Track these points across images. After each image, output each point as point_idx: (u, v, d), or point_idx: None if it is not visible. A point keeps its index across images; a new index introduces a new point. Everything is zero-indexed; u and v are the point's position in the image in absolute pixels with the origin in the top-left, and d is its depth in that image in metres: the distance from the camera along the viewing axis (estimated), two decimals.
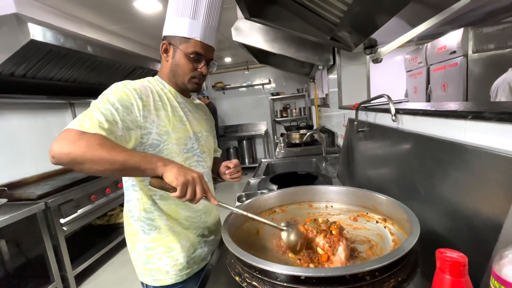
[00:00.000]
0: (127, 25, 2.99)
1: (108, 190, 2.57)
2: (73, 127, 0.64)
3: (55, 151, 0.61)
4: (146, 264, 0.87)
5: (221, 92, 5.86)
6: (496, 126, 0.47)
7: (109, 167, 0.62)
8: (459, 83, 2.69)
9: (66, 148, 0.61)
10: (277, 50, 2.04)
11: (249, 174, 4.43)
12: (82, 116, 0.67)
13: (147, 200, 0.84)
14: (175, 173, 0.63)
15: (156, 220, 0.85)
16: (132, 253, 0.90)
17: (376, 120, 1.14)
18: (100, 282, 2.34)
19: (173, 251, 0.86)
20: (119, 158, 0.62)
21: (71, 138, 0.62)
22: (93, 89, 2.95)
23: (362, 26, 1.24)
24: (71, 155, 0.60)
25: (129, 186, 0.86)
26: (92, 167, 0.62)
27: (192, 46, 0.81)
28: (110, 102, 0.71)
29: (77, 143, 0.61)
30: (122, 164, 0.62)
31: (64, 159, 0.61)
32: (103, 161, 0.61)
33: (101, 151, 0.61)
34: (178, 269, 0.87)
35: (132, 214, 0.87)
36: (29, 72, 2.16)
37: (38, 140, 2.62)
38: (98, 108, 0.69)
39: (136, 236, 0.87)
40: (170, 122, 0.83)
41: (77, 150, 0.60)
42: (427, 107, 0.75)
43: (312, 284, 0.47)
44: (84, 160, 0.61)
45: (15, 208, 1.82)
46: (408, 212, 0.63)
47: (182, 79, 0.85)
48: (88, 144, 0.61)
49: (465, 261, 0.34)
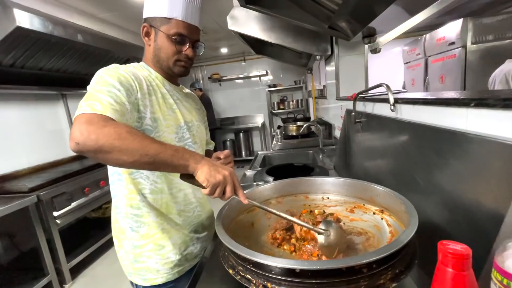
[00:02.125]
0: (119, 13, 2.90)
1: (102, 182, 2.54)
2: (87, 111, 0.58)
3: (79, 137, 0.54)
4: (134, 263, 0.82)
5: (217, 83, 5.78)
6: (500, 113, 0.45)
7: (139, 159, 0.56)
8: (457, 75, 2.67)
9: (94, 134, 0.54)
10: (274, 40, 1.99)
11: (246, 166, 4.42)
12: (87, 101, 0.60)
13: (135, 195, 0.79)
14: (206, 173, 0.59)
15: (145, 217, 0.80)
16: (119, 252, 0.86)
17: (374, 111, 1.12)
18: (96, 275, 2.34)
19: (163, 249, 0.82)
20: (151, 151, 0.57)
21: (97, 123, 0.55)
22: (86, 80, 2.85)
23: (361, 13, 1.21)
24: (99, 141, 0.54)
25: (114, 181, 0.81)
26: (120, 158, 0.56)
27: (174, 27, 0.75)
28: (111, 84, 0.65)
29: (105, 129, 0.55)
30: (153, 157, 0.57)
31: (91, 146, 0.54)
32: (133, 152, 0.55)
33: (132, 140, 0.56)
34: (169, 267, 0.83)
35: (118, 211, 0.82)
36: (18, 62, 2.09)
37: (30, 132, 2.56)
38: (101, 91, 0.63)
39: (123, 234, 0.83)
40: (160, 109, 0.78)
41: (106, 137, 0.54)
42: (427, 96, 0.72)
43: (307, 277, 0.46)
44: (113, 149, 0.55)
45: (6, 201, 1.78)
46: (406, 203, 0.61)
47: (166, 63, 0.80)
48: (117, 131, 0.55)
49: (469, 254, 0.32)
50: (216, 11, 2.94)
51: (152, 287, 0.83)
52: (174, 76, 0.86)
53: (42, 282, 1.93)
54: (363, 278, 0.46)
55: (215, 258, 0.80)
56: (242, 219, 0.78)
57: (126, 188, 0.79)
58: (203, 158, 0.62)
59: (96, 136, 0.54)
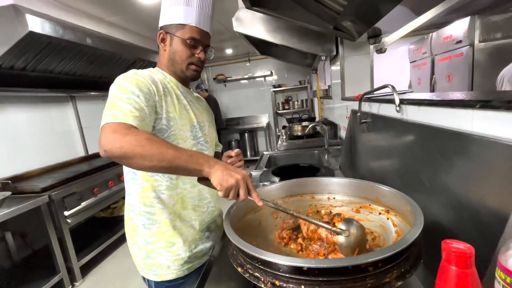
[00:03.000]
0: (127, 17, 2.95)
1: (111, 183, 2.59)
2: (111, 121, 0.65)
3: (107, 145, 0.62)
4: (146, 259, 0.86)
5: (222, 84, 5.81)
6: (504, 114, 0.46)
7: (157, 164, 0.62)
8: (464, 74, 2.64)
9: (118, 142, 0.61)
10: (279, 41, 2.00)
11: (251, 166, 4.43)
12: (110, 110, 0.67)
13: (149, 193, 0.83)
14: (219, 177, 0.62)
15: (157, 214, 0.84)
16: (132, 248, 0.90)
17: (379, 111, 1.13)
18: (105, 273, 2.38)
19: (174, 246, 0.86)
20: (168, 156, 0.62)
21: (120, 132, 0.63)
22: (94, 81, 2.94)
23: (366, 14, 1.21)
24: (123, 149, 0.61)
25: (129, 180, 0.86)
26: (142, 163, 0.62)
27: (188, 32, 0.82)
28: (130, 91, 0.71)
29: (127, 138, 0.62)
30: (170, 162, 0.62)
31: (117, 153, 0.62)
32: (152, 157, 0.62)
33: (151, 147, 0.62)
34: (179, 263, 0.87)
35: (132, 208, 0.86)
36: (29, 65, 2.15)
37: (41, 133, 2.63)
38: (121, 99, 0.69)
39: (136, 231, 0.87)
40: (176, 108, 0.84)
41: (128, 145, 0.61)
42: (432, 97, 0.73)
43: (314, 275, 0.47)
44: (134, 155, 0.61)
45: (19, 201, 1.84)
46: (411, 204, 0.62)
47: (180, 66, 0.86)
48: (137, 138, 0.62)
49: (471, 252, 0.33)
50: (221, 12, 2.96)
51: (163, 282, 0.87)
52: (186, 80, 0.92)
53: (54, 280, 1.98)
54: (369, 276, 0.47)
55: (223, 257, 0.82)
56: (250, 219, 0.80)
57: (140, 187, 0.84)
58: (217, 163, 0.65)
59: (120, 144, 0.61)
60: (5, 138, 2.30)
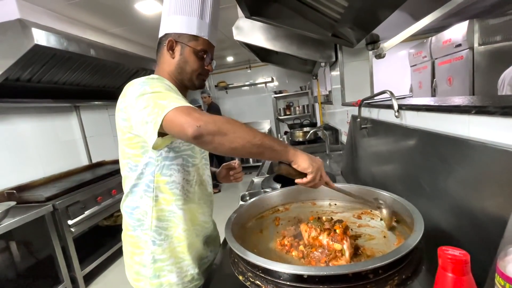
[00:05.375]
0: (129, 28, 3.01)
1: (114, 191, 2.60)
2: (178, 105, 0.61)
3: (198, 121, 0.57)
4: (153, 279, 0.79)
5: (224, 91, 5.87)
6: (500, 120, 0.46)
7: (250, 141, 0.59)
8: (465, 77, 2.64)
9: (209, 118, 0.58)
10: (278, 48, 2.03)
11: (254, 173, 4.43)
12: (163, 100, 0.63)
13: (166, 206, 0.79)
14: (308, 160, 0.64)
15: (169, 229, 0.80)
16: (134, 267, 0.82)
17: (379, 117, 1.13)
18: (108, 282, 2.38)
19: (183, 262, 0.82)
20: (259, 135, 0.60)
21: (197, 112, 0.59)
22: (97, 91, 2.99)
23: (364, 21, 1.23)
24: (217, 124, 0.58)
25: (139, 192, 0.79)
26: (235, 140, 0.59)
27: (201, 44, 0.82)
28: (158, 89, 0.68)
29: (211, 116, 0.59)
30: (261, 140, 0.60)
31: (211, 128, 0.57)
32: (245, 135, 0.59)
33: (239, 125, 0.60)
34: (187, 280, 0.83)
35: (140, 223, 0.80)
36: (35, 77, 2.19)
37: (45, 143, 2.67)
38: (167, 94, 0.66)
39: (141, 248, 0.80)
40: None
41: (220, 122, 0.58)
42: (430, 103, 0.74)
43: (315, 282, 0.47)
44: (228, 131, 0.58)
45: (24, 211, 1.85)
46: (412, 209, 0.62)
47: (189, 76, 0.84)
48: (220, 117, 0.60)
49: (467, 259, 0.34)
50: (221, 21, 3.00)
51: None
52: (189, 88, 0.90)
53: None
54: (369, 283, 0.47)
55: (225, 265, 0.81)
56: (251, 226, 0.80)
57: (154, 200, 0.78)
58: (297, 149, 0.67)
59: (213, 119, 0.58)
60: (11, 148, 2.34)
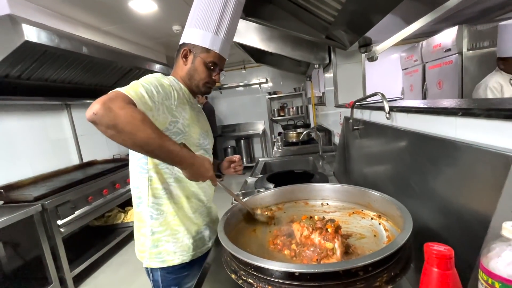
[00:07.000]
0: (123, 26, 2.97)
1: (105, 191, 2.56)
2: (119, 90, 0.68)
3: (100, 110, 0.61)
4: (152, 248, 0.93)
5: (218, 91, 5.85)
6: (485, 122, 0.48)
7: (143, 148, 0.66)
8: (454, 81, 2.70)
9: (113, 112, 0.61)
10: (273, 49, 2.04)
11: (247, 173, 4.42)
12: (127, 87, 0.71)
13: (159, 185, 0.90)
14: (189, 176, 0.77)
15: (164, 205, 0.92)
16: (140, 239, 0.96)
17: (371, 118, 1.15)
18: (99, 283, 2.34)
19: (178, 233, 0.94)
20: (157, 142, 0.66)
21: (119, 103, 0.63)
22: (90, 90, 2.94)
23: (357, 24, 1.25)
24: (116, 120, 0.61)
25: (136, 173, 0.92)
26: (128, 140, 0.64)
27: (212, 57, 0.92)
28: (153, 85, 0.77)
29: (123, 111, 0.62)
30: (158, 153, 0.69)
31: (106, 121, 0.61)
32: (143, 140, 0.64)
33: (144, 129, 0.64)
34: (183, 249, 0.94)
35: (140, 201, 0.92)
36: (24, 74, 2.14)
37: (35, 142, 2.61)
38: (142, 86, 0.74)
39: (143, 222, 0.93)
40: (191, 117, 0.93)
41: (122, 118, 0.62)
42: (419, 105, 0.76)
43: (306, 280, 0.48)
44: (123, 130, 0.62)
45: (11, 210, 1.81)
46: (401, 208, 0.64)
47: (197, 83, 0.95)
48: (133, 116, 0.63)
49: (451, 254, 0.35)
50: None
51: (168, 267, 0.94)
52: (196, 93, 1.01)
53: None
54: (359, 280, 0.48)
55: (217, 264, 0.82)
56: (244, 226, 0.81)
57: (149, 179, 0.90)
58: (192, 163, 0.76)
59: (115, 114, 0.61)
60: None
